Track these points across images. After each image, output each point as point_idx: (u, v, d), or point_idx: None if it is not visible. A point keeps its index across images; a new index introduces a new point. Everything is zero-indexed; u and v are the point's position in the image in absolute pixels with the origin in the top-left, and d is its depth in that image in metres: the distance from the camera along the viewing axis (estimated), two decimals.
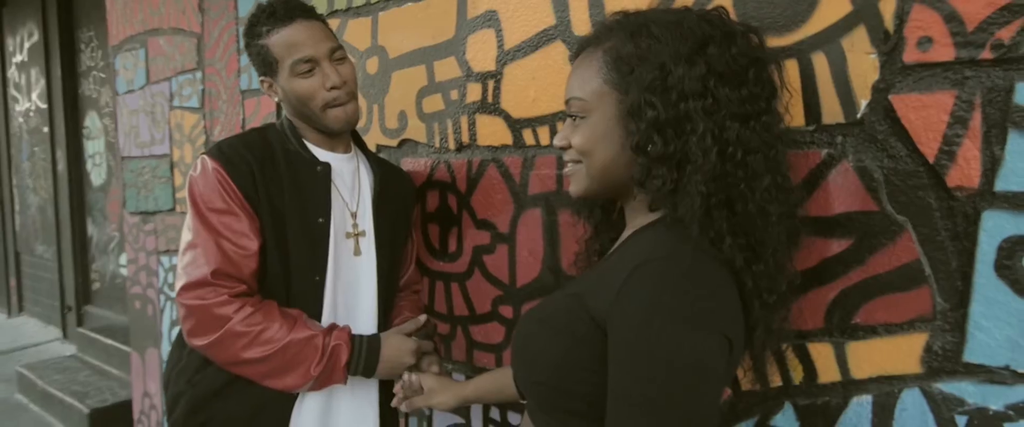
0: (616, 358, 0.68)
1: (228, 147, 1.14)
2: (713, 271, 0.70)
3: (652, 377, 0.65)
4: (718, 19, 0.75)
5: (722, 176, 0.70)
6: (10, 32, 5.12)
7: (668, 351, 0.65)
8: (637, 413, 0.65)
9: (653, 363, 0.65)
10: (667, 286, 0.67)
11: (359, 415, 1.19)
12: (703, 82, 0.70)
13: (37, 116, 4.86)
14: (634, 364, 0.66)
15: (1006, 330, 0.78)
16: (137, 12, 2.44)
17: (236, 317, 1.03)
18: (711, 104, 0.70)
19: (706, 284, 0.69)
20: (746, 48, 0.74)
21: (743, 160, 0.71)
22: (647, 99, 0.71)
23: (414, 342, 1.16)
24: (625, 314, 0.67)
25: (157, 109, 2.38)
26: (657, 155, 0.71)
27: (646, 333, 0.65)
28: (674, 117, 0.70)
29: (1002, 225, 0.78)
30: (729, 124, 0.70)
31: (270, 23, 1.14)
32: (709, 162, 0.69)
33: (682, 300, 0.66)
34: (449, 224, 1.41)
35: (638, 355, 0.65)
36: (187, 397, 1.11)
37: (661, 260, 0.69)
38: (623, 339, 0.67)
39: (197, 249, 1.07)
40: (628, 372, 0.67)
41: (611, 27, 0.77)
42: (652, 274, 0.68)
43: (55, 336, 4.67)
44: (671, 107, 0.70)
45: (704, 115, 0.70)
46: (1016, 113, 0.76)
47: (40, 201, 4.96)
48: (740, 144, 0.71)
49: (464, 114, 1.35)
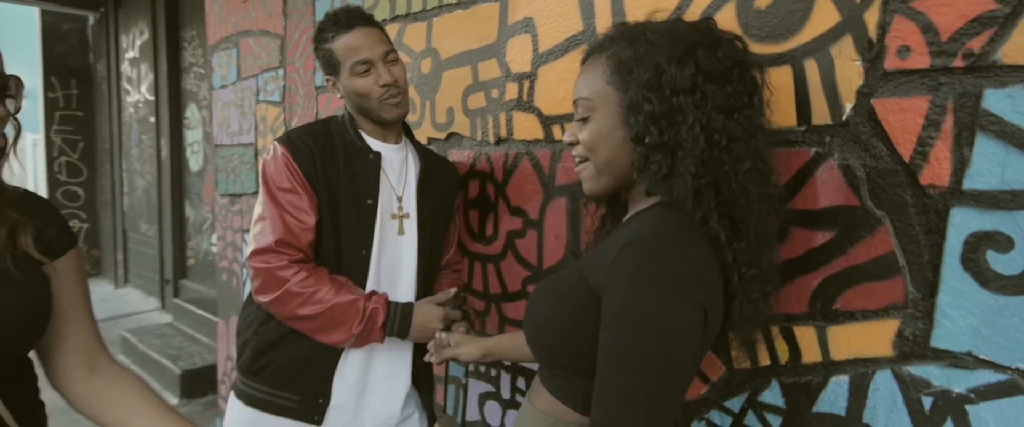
0: (604, 321, 0.78)
1: (295, 135, 1.33)
2: (695, 247, 0.80)
3: (633, 337, 0.75)
4: (706, 27, 0.85)
5: (709, 160, 0.80)
6: (124, 31, 5.69)
7: (647, 315, 0.74)
8: (618, 368, 0.75)
9: (633, 325, 0.75)
10: (651, 259, 0.77)
11: (394, 371, 1.36)
12: (693, 80, 0.80)
13: (145, 107, 5.38)
14: (618, 325, 0.76)
15: (969, 319, 0.84)
16: (231, 15, 2.73)
17: (293, 280, 1.22)
18: (699, 99, 0.80)
19: (687, 258, 0.78)
20: (730, 52, 0.84)
21: (727, 146, 0.81)
22: (644, 95, 0.82)
23: (443, 311, 1.31)
24: (614, 283, 0.78)
25: (245, 102, 2.65)
26: (653, 144, 0.82)
27: (629, 299, 0.76)
28: (667, 110, 0.81)
29: (968, 221, 0.83)
30: (715, 116, 0.80)
31: (334, 30, 1.32)
32: (698, 147, 0.80)
33: (663, 271, 0.76)
34: (487, 210, 1.56)
35: (621, 317, 0.76)
36: (252, 344, 1.31)
37: (649, 237, 0.79)
38: (610, 304, 0.78)
39: (265, 221, 1.27)
40: (613, 332, 0.77)
41: (613, 36, 0.88)
42: (639, 249, 0.78)
43: (154, 306, 5.18)
44: (665, 102, 0.81)
45: (693, 108, 0.80)
46: (984, 117, 0.82)
47: (145, 184, 5.50)
48: (725, 133, 0.81)
49: (502, 111, 1.49)
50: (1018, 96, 0.79)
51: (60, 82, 6.37)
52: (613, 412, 0.72)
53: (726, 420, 1.11)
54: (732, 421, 1.10)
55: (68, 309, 0.90)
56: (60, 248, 0.89)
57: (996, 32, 0.80)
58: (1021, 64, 0.78)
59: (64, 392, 0.92)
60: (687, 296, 0.76)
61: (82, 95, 6.48)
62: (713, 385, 1.13)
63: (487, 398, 1.58)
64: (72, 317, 0.91)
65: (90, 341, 0.94)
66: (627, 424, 0.71)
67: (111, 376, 0.93)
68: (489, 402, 1.58)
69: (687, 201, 0.80)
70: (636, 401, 0.71)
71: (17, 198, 0.87)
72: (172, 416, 0.90)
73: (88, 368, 0.92)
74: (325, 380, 1.31)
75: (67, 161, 6.50)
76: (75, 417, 3.00)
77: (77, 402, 0.92)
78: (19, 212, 0.85)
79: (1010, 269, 0.80)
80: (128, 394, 0.92)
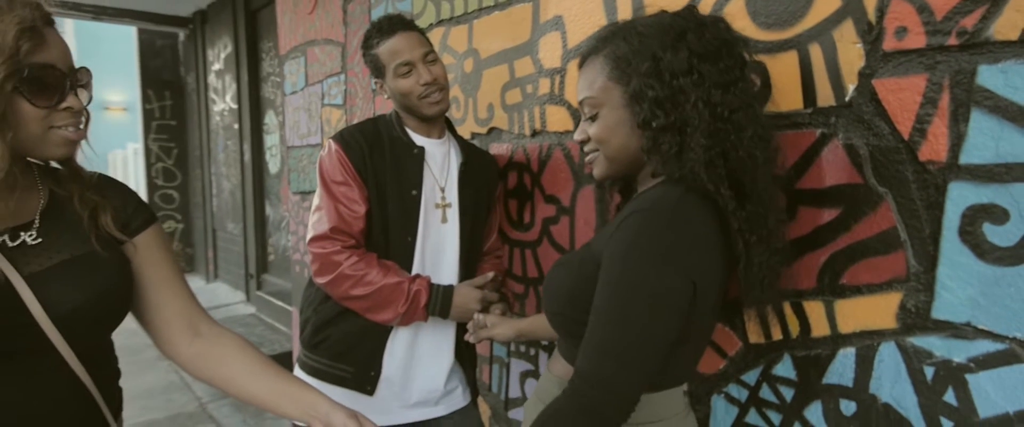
0: (599, 285, 0.86)
1: (347, 133, 1.47)
2: (693, 220, 0.85)
3: (620, 300, 0.82)
4: (689, 13, 0.91)
5: (716, 132, 0.86)
6: (210, 45, 6.15)
7: (635, 281, 0.82)
8: (604, 324, 0.83)
9: (622, 289, 0.82)
10: (645, 231, 0.84)
11: (438, 348, 1.48)
12: (688, 62, 0.87)
13: (229, 115, 5.80)
14: (608, 289, 0.84)
15: (968, 290, 0.86)
16: (299, 26, 2.95)
17: (346, 263, 1.36)
18: (698, 78, 0.86)
19: (681, 232, 0.84)
20: (716, 32, 0.89)
21: (730, 117, 0.87)
22: (646, 83, 0.88)
23: (481, 293, 1.41)
24: (611, 252, 0.86)
25: (312, 106, 2.86)
26: (660, 126, 0.88)
27: (621, 266, 0.83)
28: (670, 93, 0.87)
29: (965, 195, 0.86)
30: (714, 91, 0.86)
31: (379, 36, 1.45)
32: (704, 121, 0.86)
33: (655, 243, 0.83)
34: (524, 199, 1.65)
35: (613, 281, 0.83)
36: (312, 321, 1.47)
37: (647, 210, 0.86)
38: (606, 269, 0.85)
39: (321, 211, 1.41)
40: (604, 295, 0.85)
41: (605, 37, 0.95)
42: (636, 221, 0.85)
43: (240, 299, 5.59)
44: (666, 86, 0.87)
45: (694, 87, 0.86)
46: (978, 93, 0.84)
47: (231, 186, 5.92)
48: (726, 105, 0.87)
49: (537, 105, 1.58)
50: (1011, 71, 0.81)
51: (156, 94, 6.95)
52: (594, 363, 0.80)
53: (743, 393, 1.16)
54: (748, 394, 1.15)
55: (158, 279, 0.94)
56: (139, 225, 0.94)
57: (988, 9, 0.82)
58: (1013, 40, 0.80)
59: (173, 357, 0.96)
60: (676, 267, 0.82)
61: (175, 106, 7.04)
62: (731, 360, 1.18)
63: (528, 376, 1.68)
64: (165, 286, 0.95)
65: (187, 306, 0.97)
66: (604, 373, 0.79)
67: (213, 337, 0.96)
68: (529, 379, 1.67)
69: (700, 172, 0.85)
70: (615, 355, 0.79)
71: (94, 181, 0.92)
72: (272, 369, 0.92)
73: (191, 332, 0.96)
74: (376, 355, 1.45)
75: (163, 167, 7.08)
76: (148, 403, 3.32)
77: (186, 364, 0.96)
78: (97, 194, 0.90)
79: (1006, 240, 0.82)
80: (230, 352, 0.94)
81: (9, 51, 0.73)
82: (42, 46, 0.78)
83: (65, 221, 0.86)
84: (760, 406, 1.13)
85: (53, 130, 0.81)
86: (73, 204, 0.87)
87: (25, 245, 0.82)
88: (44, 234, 0.84)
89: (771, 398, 1.11)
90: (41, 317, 0.78)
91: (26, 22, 0.75)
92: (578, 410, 0.79)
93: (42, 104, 0.78)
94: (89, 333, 0.85)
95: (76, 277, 0.83)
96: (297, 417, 0.87)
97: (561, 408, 0.81)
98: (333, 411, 0.86)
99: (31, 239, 0.82)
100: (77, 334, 0.82)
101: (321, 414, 0.86)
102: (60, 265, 0.83)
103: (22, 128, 0.78)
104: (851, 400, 1.00)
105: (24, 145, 0.80)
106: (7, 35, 0.74)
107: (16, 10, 0.75)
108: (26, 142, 0.80)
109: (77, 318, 0.81)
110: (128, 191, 0.97)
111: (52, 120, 0.80)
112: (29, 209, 0.85)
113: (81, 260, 0.84)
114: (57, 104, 0.80)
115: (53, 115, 0.80)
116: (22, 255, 0.81)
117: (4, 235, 0.81)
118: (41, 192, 0.87)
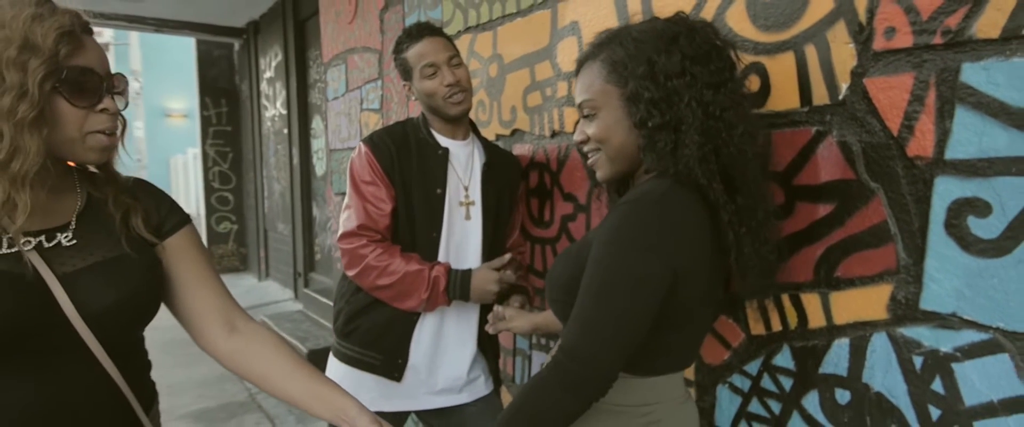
0: (586, 269, 0.92)
1: (376, 136, 1.57)
2: (677, 212, 0.90)
3: (603, 282, 0.88)
4: (680, 19, 0.97)
5: (709, 130, 0.91)
6: (262, 54, 6.43)
7: (617, 265, 0.87)
8: (587, 306, 0.88)
9: (605, 272, 0.88)
10: (630, 220, 0.90)
11: (461, 339, 1.56)
12: (681, 64, 0.92)
13: (280, 120, 6.06)
14: (593, 271, 0.90)
15: (954, 281, 0.89)
16: (340, 35, 3.09)
17: (370, 256, 1.46)
18: (690, 79, 0.92)
19: (665, 223, 0.89)
20: (706, 36, 0.94)
21: (722, 115, 0.92)
22: (642, 85, 0.94)
23: (498, 274, 1.49)
24: (598, 240, 0.92)
25: (352, 111, 3.00)
26: (656, 125, 0.94)
27: (605, 252, 0.89)
28: (665, 94, 0.93)
29: (951, 189, 0.88)
30: (706, 91, 0.92)
31: (408, 41, 1.55)
32: (698, 119, 0.91)
33: (637, 231, 0.89)
34: (544, 197, 1.72)
35: (596, 266, 0.89)
36: (345, 311, 1.57)
37: (634, 201, 0.92)
38: (592, 255, 0.91)
39: (350, 209, 1.52)
40: (589, 276, 0.90)
41: (600, 43, 1.01)
42: (623, 211, 0.91)
43: (289, 296, 5.82)
44: (661, 87, 0.93)
45: (687, 88, 0.92)
46: (962, 90, 0.87)
47: (281, 188, 6.18)
48: (717, 104, 0.92)
49: (555, 107, 1.64)
50: (992, 68, 0.84)
51: (213, 101, 7.31)
52: (576, 338, 0.86)
53: (746, 383, 1.20)
54: (751, 384, 1.19)
55: (193, 278, 0.97)
56: (173, 226, 0.97)
57: (970, 8, 0.85)
58: (994, 38, 0.83)
59: (211, 351, 0.99)
60: (657, 254, 0.87)
61: (230, 112, 7.38)
62: (734, 351, 1.22)
63: None
64: (200, 283, 0.98)
65: (222, 303, 0.99)
66: (584, 348, 0.85)
67: (249, 334, 0.99)
68: None
69: (695, 167, 0.90)
70: (596, 332, 0.85)
71: (128, 185, 0.95)
72: (305, 369, 0.95)
73: (227, 327, 0.98)
74: (403, 343, 1.54)
75: (219, 170, 7.43)
76: (202, 392, 3.52)
77: (224, 359, 0.98)
78: (130, 197, 0.93)
79: (989, 233, 0.85)
80: (264, 349, 0.97)
81: (49, 52, 0.77)
82: (80, 50, 0.82)
83: (100, 223, 0.89)
84: (761, 395, 1.17)
85: (90, 135, 0.83)
86: (108, 207, 0.91)
87: (60, 246, 0.85)
88: (79, 236, 0.87)
89: (771, 388, 1.15)
90: (73, 315, 0.81)
91: (65, 27, 0.79)
92: (558, 382, 0.86)
93: (81, 105, 0.81)
94: (119, 331, 0.87)
95: (107, 278, 0.86)
96: (327, 418, 0.91)
97: (544, 379, 0.88)
98: (360, 415, 0.88)
99: (66, 240, 0.85)
100: (107, 332, 0.85)
101: (350, 418, 0.88)
102: (93, 266, 0.86)
103: (60, 129, 0.81)
104: (846, 389, 1.03)
105: (61, 147, 0.83)
106: (47, 38, 0.77)
107: (57, 16, 0.80)
108: (63, 144, 0.83)
109: (107, 317, 0.84)
110: (161, 194, 1.00)
111: (89, 124, 0.83)
112: (66, 211, 0.88)
113: (113, 262, 0.87)
114: (95, 105, 0.83)
115: (90, 118, 0.83)
116: (57, 256, 0.84)
117: (41, 236, 0.83)
118: (79, 195, 0.90)
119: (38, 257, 0.81)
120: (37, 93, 0.76)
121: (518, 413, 0.90)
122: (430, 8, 2.20)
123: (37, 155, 0.77)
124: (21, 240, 0.81)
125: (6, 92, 0.75)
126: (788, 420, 1.12)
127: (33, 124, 0.76)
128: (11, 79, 0.75)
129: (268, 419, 3.31)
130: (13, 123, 0.75)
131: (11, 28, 0.76)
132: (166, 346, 3.09)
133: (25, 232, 0.81)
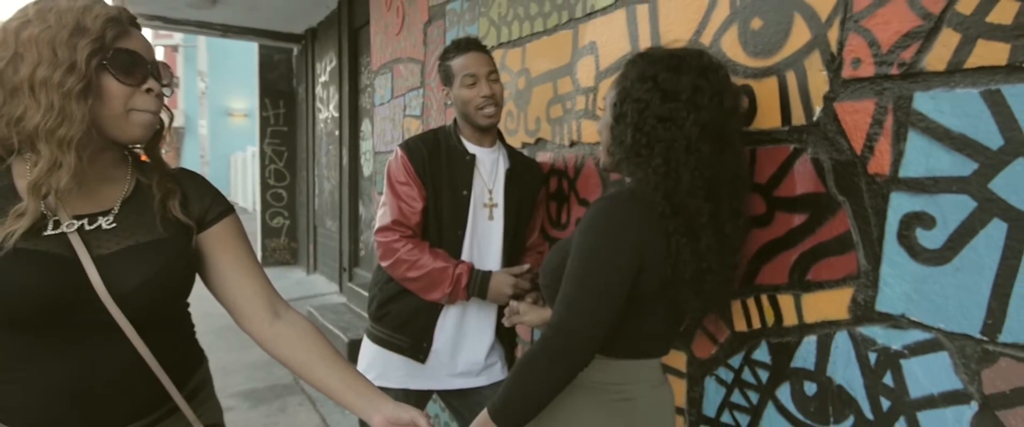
0: (569, 256, 1.07)
1: (411, 141, 1.75)
2: (640, 210, 1.04)
3: (581, 263, 1.03)
4: (659, 57, 1.11)
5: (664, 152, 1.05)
6: (318, 59, 6.77)
7: (589, 250, 1.03)
8: (569, 282, 1.04)
9: (583, 254, 1.04)
10: (604, 211, 1.06)
11: (481, 328, 1.72)
12: (648, 95, 1.07)
13: (332, 122, 6.37)
14: (574, 256, 1.05)
15: (904, 286, 0.99)
16: (388, 45, 3.31)
17: (402, 250, 1.63)
18: (644, 106, 1.07)
19: (631, 217, 1.04)
20: (682, 81, 1.07)
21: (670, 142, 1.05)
22: (622, 110, 1.10)
23: (514, 280, 1.64)
24: (578, 229, 1.08)
25: (396, 117, 3.21)
26: (624, 139, 1.10)
27: (581, 238, 1.05)
28: (619, 114, 1.10)
29: (903, 203, 0.99)
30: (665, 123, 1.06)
31: (455, 51, 1.72)
32: (659, 143, 1.06)
33: (610, 221, 1.04)
34: (562, 201, 1.86)
35: (577, 250, 1.05)
36: (377, 298, 1.75)
37: (608, 197, 1.08)
38: (575, 239, 1.07)
39: (386, 206, 1.70)
40: (571, 262, 1.06)
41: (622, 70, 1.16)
42: (601, 203, 1.07)
43: (334, 289, 6.11)
44: (638, 115, 1.08)
45: (638, 114, 1.07)
46: (914, 116, 0.98)
47: (331, 187, 6.48)
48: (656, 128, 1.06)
49: (574, 119, 1.79)
50: (938, 97, 0.94)
51: (271, 103, 7.72)
52: (560, 314, 1.01)
53: (730, 375, 1.31)
54: (733, 376, 1.30)
55: (236, 264, 1.01)
56: (216, 216, 1.01)
57: (922, 44, 0.96)
58: (940, 70, 0.94)
59: (254, 333, 1.02)
60: (625, 241, 1.02)
61: (287, 113, 7.78)
62: (721, 346, 1.33)
63: None
64: (242, 270, 1.02)
65: (264, 288, 1.03)
66: (568, 322, 1.00)
67: (291, 321, 1.02)
68: None
69: (649, 180, 1.05)
70: (576, 307, 1.00)
71: (172, 171, 1.00)
72: (342, 362, 0.99)
73: (271, 312, 1.01)
74: (428, 329, 1.71)
75: (275, 168, 7.83)
76: (252, 374, 3.77)
77: (266, 342, 1.01)
78: (172, 182, 0.97)
79: (933, 243, 0.95)
80: (307, 339, 1.00)
81: (96, 33, 0.83)
82: (126, 36, 0.87)
83: (142, 209, 0.94)
84: (742, 387, 1.28)
85: (133, 112, 0.87)
86: (152, 192, 0.95)
87: (101, 229, 0.89)
88: (120, 220, 0.91)
89: (751, 380, 1.26)
90: (103, 294, 0.85)
91: (113, 15, 0.86)
92: (546, 354, 1.01)
93: (127, 82, 0.86)
94: (148, 309, 0.90)
95: (139, 260, 0.89)
96: (359, 410, 0.94)
97: (534, 352, 1.02)
98: (399, 408, 0.91)
99: (107, 224, 0.90)
100: (136, 310, 0.88)
101: (386, 411, 0.91)
102: (128, 249, 0.89)
103: (106, 104, 0.85)
104: (813, 382, 1.14)
105: (107, 123, 0.86)
106: (96, 22, 0.83)
107: (106, 7, 0.86)
108: (108, 119, 0.86)
109: (136, 296, 0.88)
110: (206, 184, 1.04)
111: (134, 102, 0.87)
112: (112, 197, 0.92)
113: (148, 245, 0.91)
114: (140, 84, 0.87)
115: (135, 97, 0.87)
116: (96, 238, 0.88)
117: (84, 219, 0.88)
118: (128, 182, 0.95)
119: (78, 239, 0.85)
120: (84, 67, 0.82)
121: (513, 383, 1.05)
122: (468, 24, 2.38)
123: (82, 122, 0.82)
124: (66, 222, 0.85)
125: (57, 67, 0.81)
126: (764, 410, 1.24)
127: (80, 95, 0.82)
128: (62, 56, 0.81)
129: (310, 401, 3.54)
130: (62, 93, 0.81)
131: (65, 16, 0.83)
132: (221, 331, 3.35)
133: (72, 216, 0.87)
